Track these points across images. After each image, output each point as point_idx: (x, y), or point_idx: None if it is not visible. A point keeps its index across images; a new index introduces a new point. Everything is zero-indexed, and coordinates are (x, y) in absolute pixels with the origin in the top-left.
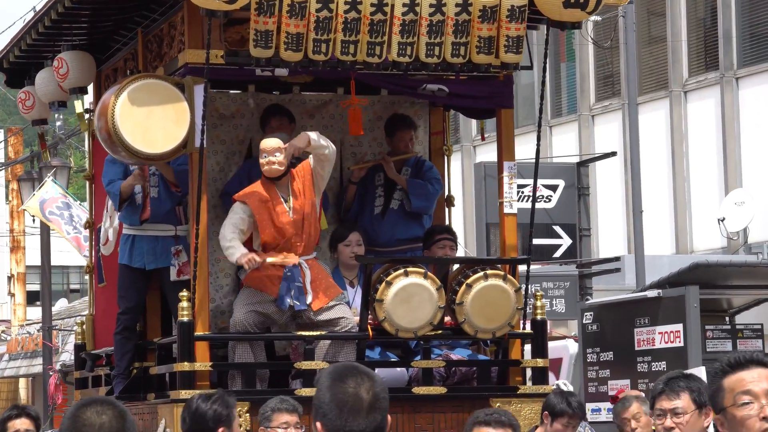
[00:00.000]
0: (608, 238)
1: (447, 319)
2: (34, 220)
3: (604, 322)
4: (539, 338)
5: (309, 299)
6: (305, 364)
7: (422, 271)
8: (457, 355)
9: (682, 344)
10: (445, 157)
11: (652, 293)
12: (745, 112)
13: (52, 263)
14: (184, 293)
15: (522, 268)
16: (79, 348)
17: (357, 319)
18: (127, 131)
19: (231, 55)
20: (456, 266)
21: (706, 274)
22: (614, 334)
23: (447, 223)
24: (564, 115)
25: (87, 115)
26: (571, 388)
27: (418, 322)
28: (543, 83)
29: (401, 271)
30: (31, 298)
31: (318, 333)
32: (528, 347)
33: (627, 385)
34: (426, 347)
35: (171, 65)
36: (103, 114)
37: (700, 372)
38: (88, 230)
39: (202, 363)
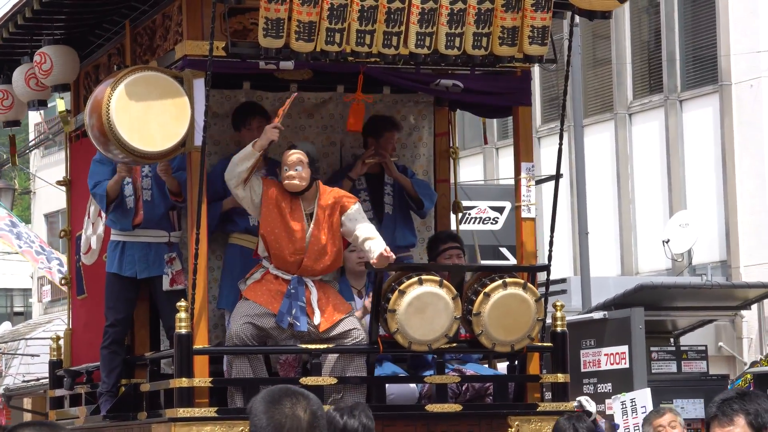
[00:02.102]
0: (554, 259)
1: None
2: None
3: None
4: (560, 351)
5: (317, 319)
6: (311, 380)
7: (437, 279)
8: (469, 370)
9: (627, 366)
10: (452, 160)
11: (597, 315)
12: (688, 135)
13: None
14: (182, 303)
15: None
16: (54, 365)
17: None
18: (123, 127)
19: (235, 47)
20: (472, 274)
21: (651, 296)
22: None
23: (454, 230)
24: (510, 137)
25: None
26: (592, 406)
27: (433, 334)
28: (566, 78)
29: (415, 279)
30: None
31: (325, 346)
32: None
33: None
34: (440, 361)
35: (166, 58)
36: (96, 110)
37: (645, 393)
38: (65, 238)
39: (202, 379)
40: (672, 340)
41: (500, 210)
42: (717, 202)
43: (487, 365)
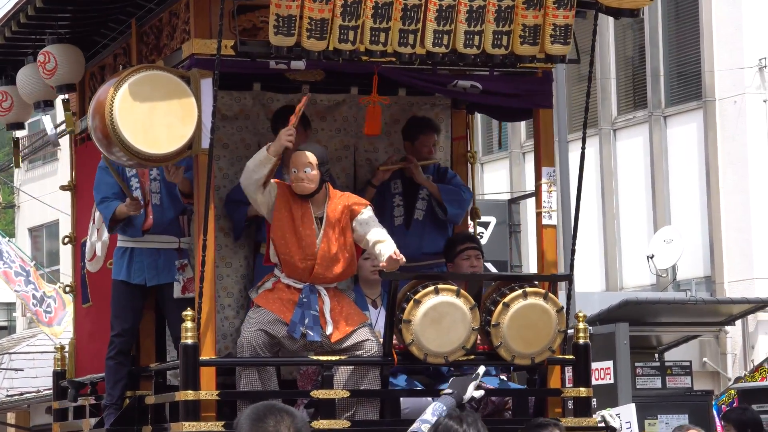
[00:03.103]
0: None
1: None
2: None
3: None
4: (582, 364)
5: (329, 329)
6: (323, 393)
7: (454, 288)
8: (489, 384)
9: (612, 381)
10: (470, 165)
11: None
12: (673, 150)
13: None
14: (188, 312)
15: None
16: (58, 375)
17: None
18: (128, 128)
19: (244, 45)
20: (491, 283)
21: (636, 311)
22: None
23: None
24: (495, 152)
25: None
26: (617, 422)
27: (450, 345)
28: (590, 79)
29: (431, 288)
30: None
31: (336, 358)
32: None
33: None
34: (457, 374)
35: (172, 58)
36: (99, 111)
37: (630, 409)
38: (69, 245)
39: (208, 391)
40: (656, 355)
41: (485, 225)
42: (701, 217)
43: (504, 378)
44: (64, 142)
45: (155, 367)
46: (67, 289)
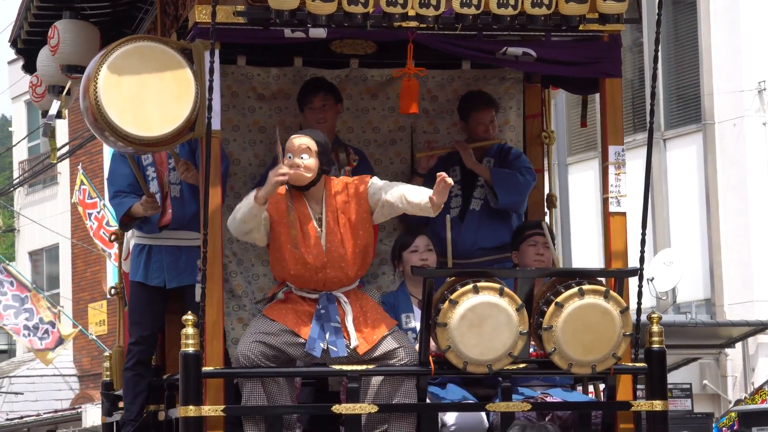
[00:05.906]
0: None
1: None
2: None
3: None
4: (657, 374)
5: (354, 342)
6: (346, 408)
7: (497, 286)
8: (554, 397)
9: None
10: (545, 147)
11: None
12: (672, 173)
13: None
14: (189, 317)
15: None
16: (106, 387)
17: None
18: (113, 108)
19: (247, 11)
20: (546, 281)
21: None
22: None
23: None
24: None
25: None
26: None
27: (493, 352)
28: (656, 51)
29: (470, 286)
30: None
31: (363, 368)
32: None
33: None
34: (507, 385)
35: (184, 29)
36: (86, 90)
37: None
38: (115, 243)
39: (212, 407)
40: None
41: None
42: (701, 240)
43: (573, 389)
44: (64, 166)
45: (167, 379)
46: (112, 291)
